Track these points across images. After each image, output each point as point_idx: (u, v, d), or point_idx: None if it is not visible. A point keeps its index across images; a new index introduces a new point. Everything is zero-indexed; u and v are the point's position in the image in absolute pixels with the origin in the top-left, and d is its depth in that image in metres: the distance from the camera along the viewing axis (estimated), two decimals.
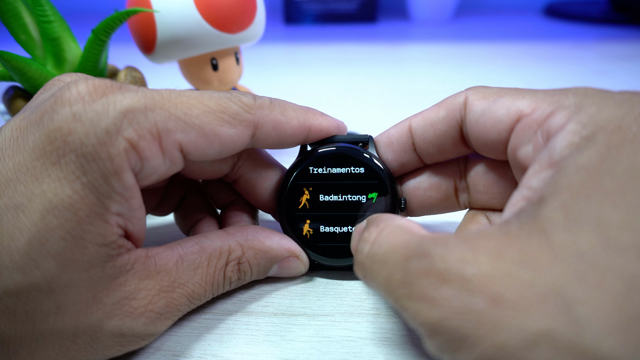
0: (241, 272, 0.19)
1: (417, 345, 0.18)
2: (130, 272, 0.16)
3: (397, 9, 0.99)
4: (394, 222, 0.15)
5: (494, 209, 0.20)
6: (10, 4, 0.23)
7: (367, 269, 0.15)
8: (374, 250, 0.14)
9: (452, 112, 0.19)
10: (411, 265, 0.13)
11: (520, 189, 0.15)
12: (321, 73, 0.57)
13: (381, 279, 0.14)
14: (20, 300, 0.14)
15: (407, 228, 0.14)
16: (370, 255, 0.15)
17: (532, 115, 0.15)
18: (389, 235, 0.14)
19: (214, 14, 0.26)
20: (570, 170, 0.13)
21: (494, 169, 0.20)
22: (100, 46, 0.24)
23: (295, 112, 0.19)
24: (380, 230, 0.15)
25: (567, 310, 0.10)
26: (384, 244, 0.14)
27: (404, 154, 0.20)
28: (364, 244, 0.15)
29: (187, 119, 0.15)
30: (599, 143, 0.13)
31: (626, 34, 0.72)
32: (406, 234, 0.14)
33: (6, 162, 0.14)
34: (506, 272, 0.11)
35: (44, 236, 0.14)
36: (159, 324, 0.16)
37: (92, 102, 0.14)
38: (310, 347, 0.18)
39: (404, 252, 0.13)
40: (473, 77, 0.53)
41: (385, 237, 0.14)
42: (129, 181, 0.15)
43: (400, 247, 0.13)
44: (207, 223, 0.22)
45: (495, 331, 0.10)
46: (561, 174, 0.13)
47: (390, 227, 0.15)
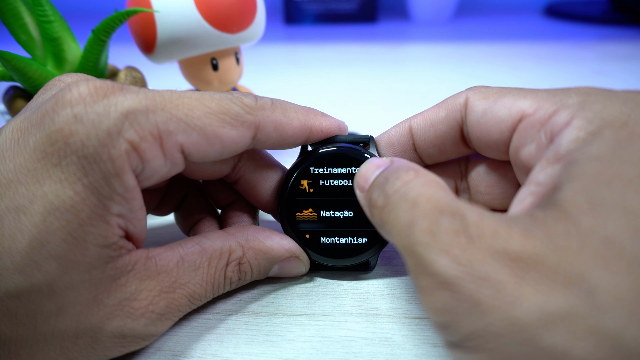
0: (242, 273, 0.19)
1: (418, 346, 0.18)
2: (131, 273, 0.16)
3: (397, 9, 0.99)
4: (432, 175, 0.15)
5: (494, 209, 0.20)
6: (10, 4, 0.23)
7: (391, 203, 0.14)
8: (406, 189, 0.14)
9: (452, 112, 0.19)
10: (443, 218, 0.12)
11: (528, 185, 0.15)
12: (321, 73, 0.57)
13: (404, 218, 0.13)
14: (22, 302, 0.14)
15: (443, 185, 0.14)
16: (401, 191, 0.14)
17: (535, 114, 0.15)
18: (426, 183, 0.14)
19: (214, 14, 0.26)
20: (583, 160, 0.13)
21: (495, 169, 0.20)
22: (100, 46, 0.24)
23: (297, 112, 0.19)
24: (418, 175, 0.14)
25: (591, 295, 0.10)
26: (418, 187, 0.14)
27: (404, 155, 0.20)
28: (397, 180, 0.15)
29: (188, 120, 0.15)
30: (607, 137, 0.13)
31: (626, 34, 0.72)
32: (443, 190, 0.14)
33: (7, 164, 0.14)
34: (534, 251, 0.11)
35: (45, 238, 0.14)
36: (159, 324, 0.16)
37: (94, 104, 0.14)
38: (310, 347, 0.18)
39: (437, 204, 0.13)
40: (473, 77, 0.53)
41: (422, 183, 0.14)
42: (130, 182, 0.15)
43: (434, 198, 0.13)
44: (208, 223, 0.22)
45: (513, 305, 0.10)
46: (573, 164, 0.13)
47: (428, 176, 0.14)
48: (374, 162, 0.17)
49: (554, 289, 0.10)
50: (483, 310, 0.11)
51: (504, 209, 0.20)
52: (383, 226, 0.15)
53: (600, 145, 0.13)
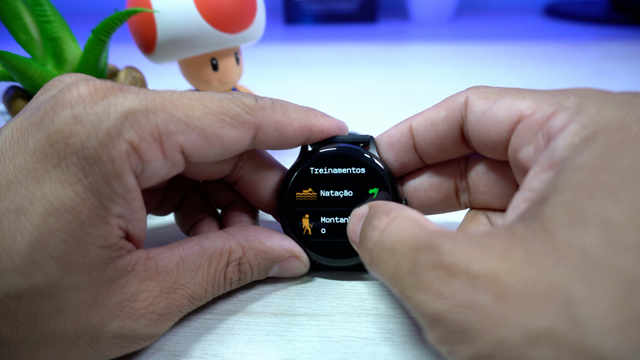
0: (242, 273, 0.19)
1: (418, 346, 0.18)
2: (131, 274, 0.16)
3: (397, 9, 0.99)
4: (405, 212, 0.15)
5: (494, 209, 0.20)
6: (10, 4, 0.23)
7: (375, 257, 0.15)
8: (383, 239, 0.14)
9: (452, 112, 0.19)
10: (419, 257, 0.13)
11: (522, 190, 0.15)
12: (321, 73, 0.57)
13: (388, 267, 0.14)
14: (22, 303, 0.14)
15: (417, 220, 0.14)
16: (379, 243, 0.15)
17: (533, 116, 0.15)
18: (399, 225, 0.14)
19: (214, 14, 0.26)
20: (571, 170, 0.13)
21: (494, 169, 0.20)
22: (100, 46, 0.24)
23: (297, 113, 0.19)
24: (391, 220, 0.15)
25: (569, 309, 0.10)
26: (393, 233, 0.14)
27: (404, 154, 0.20)
28: (373, 231, 0.15)
29: (188, 121, 0.15)
30: (599, 143, 0.13)
31: (626, 34, 0.72)
32: (416, 226, 0.14)
33: (7, 164, 0.14)
34: (512, 270, 0.11)
35: (45, 239, 0.14)
36: (160, 325, 0.16)
37: (93, 104, 0.14)
38: (310, 347, 0.18)
39: (413, 244, 0.13)
40: (473, 77, 0.53)
41: (395, 226, 0.14)
42: (130, 183, 0.15)
43: (410, 238, 0.14)
44: (208, 223, 0.22)
45: (498, 326, 0.11)
46: (561, 174, 0.13)
47: (400, 217, 0.15)
48: (356, 214, 0.18)
49: (533, 305, 0.10)
50: (473, 336, 0.11)
51: (503, 209, 0.20)
52: (379, 279, 0.15)
53: (590, 152, 0.13)
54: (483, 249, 0.12)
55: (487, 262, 0.12)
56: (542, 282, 0.11)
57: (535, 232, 0.12)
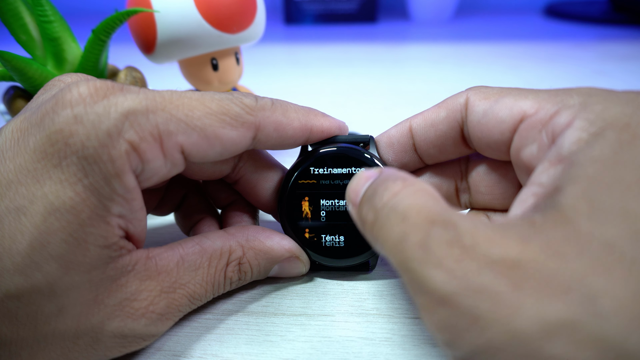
0: (242, 273, 0.19)
1: (418, 346, 0.18)
2: (131, 273, 0.16)
3: (397, 9, 0.99)
4: (422, 183, 0.14)
5: (495, 209, 0.20)
6: (10, 4, 0.23)
7: (381, 217, 0.13)
8: (395, 201, 0.13)
9: (453, 112, 0.18)
10: (434, 230, 0.12)
11: (529, 186, 0.14)
12: (321, 73, 0.57)
13: (395, 232, 0.13)
14: (22, 303, 0.14)
15: (434, 194, 0.13)
16: (390, 204, 0.13)
17: (536, 115, 0.15)
18: (415, 192, 0.13)
19: (214, 14, 0.26)
20: (584, 162, 0.12)
21: (495, 169, 0.20)
22: (100, 46, 0.24)
23: (297, 113, 0.19)
24: (407, 185, 0.14)
25: (592, 302, 0.10)
26: (407, 198, 0.13)
27: (404, 155, 0.20)
28: (385, 192, 0.14)
29: (188, 121, 0.15)
30: (609, 138, 0.13)
31: (626, 34, 0.72)
32: (432, 199, 0.13)
33: (7, 164, 0.14)
34: (532, 258, 0.11)
35: (46, 238, 0.14)
36: (160, 324, 0.16)
37: (94, 104, 0.14)
38: (310, 347, 0.18)
39: (428, 215, 0.12)
40: (473, 77, 0.53)
41: (411, 193, 0.13)
42: (130, 183, 0.15)
43: (425, 209, 0.13)
44: (208, 223, 0.22)
45: (512, 316, 0.10)
46: (575, 166, 0.12)
47: (417, 185, 0.14)
48: (363, 174, 0.16)
49: (553, 296, 0.10)
50: (483, 325, 0.10)
51: (504, 209, 0.20)
52: (375, 242, 0.14)
53: (603, 147, 0.12)
54: (504, 234, 0.11)
55: (508, 248, 0.11)
56: (564, 272, 0.10)
57: (555, 222, 0.11)
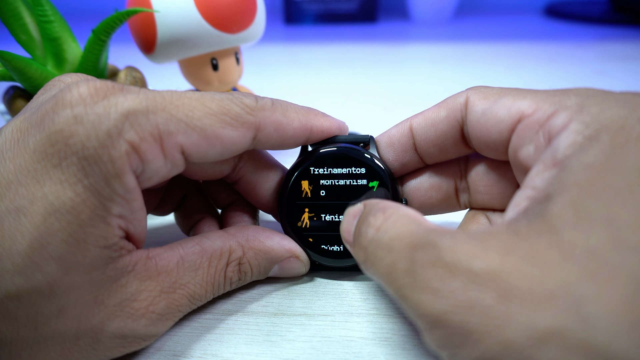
0: (242, 273, 0.19)
1: (418, 346, 0.18)
2: (131, 274, 0.16)
3: (397, 9, 0.99)
4: (401, 210, 0.15)
5: (494, 209, 0.20)
6: (10, 4, 0.23)
7: (370, 254, 0.14)
8: (378, 236, 0.14)
9: (453, 112, 0.19)
10: (417, 254, 0.12)
11: (524, 189, 0.15)
12: (321, 73, 0.57)
13: (384, 265, 0.13)
14: (22, 304, 0.14)
15: (414, 217, 0.14)
16: (375, 240, 0.14)
17: (534, 115, 0.15)
18: (395, 222, 0.14)
19: (214, 14, 0.26)
20: (576, 168, 0.12)
21: (494, 169, 0.20)
22: (100, 46, 0.24)
23: (297, 113, 0.19)
24: (387, 217, 0.14)
25: (577, 308, 0.10)
26: (389, 230, 0.14)
27: (405, 154, 0.20)
28: (368, 228, 0.15)
29: (188, 121, 0.15)
30: (603, 142, 0.13)
31: (626, 34, 0.72)
32: (413, 223, 0.14)
33: (7, 165, 0.14)
34: (516, 268, 0.11)
35: (46, 239, 0.14)
36: (160, 324, 0.16)
37: (94, 104, 0.14)
38: (310, 347, 0.18)
39: (410, 241, 0.13)
40: (473, 77, 0.53)
41: (392, 224, 0.14)
42: (131, 183, 0.15)
43: (407, 236, 0.13)
44: (208, 223, 0.22)
45: (502, 328, 0.10)
46: (567, 172, 0.13)
47: (397, 214, 0.14)
48: (350, 212, 0.17)
49: (539, 305, 0.10)
50: (476, 339, 0.11)
51: (503, 209, 0.20)
52: (373, 278, 0.15)
53: (595, 151, 0.12)
54: (485, 246, 0.12)
55: (490, 260, 0.11)
56: (548, 280, 0.10)
57: (539, 231, 0.12)
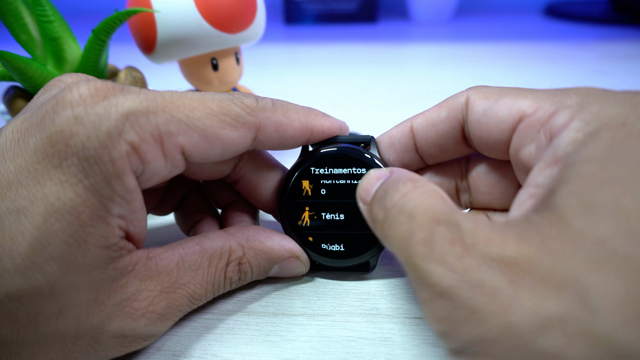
0: (242, 273, 0.19)
1: (418, 346, 0.18)
2: (131, 274, 0.16)
3: (397, 9, 0.99)
4: (431, 185, 0.15)
5: (494, 209, 0.20)
6: (10, 4, 0.23)
7: (390, 216, 0.14)
8: (403, 202, 0.14)
9: (453, 112, 0.19)
10: (438, 229, 0.13)
11: (527, 187, 0.15)
12: (321, 73, 0.57)
13: (402, 230, 0.14)
14: (22, 304, 0.14)
15: (441, 195, 0.14)
16: (399, 204, 0.14)
17: (535, 115, 0.15)
18: (423, 194, 0.14)
19: (214, 14, 0.26)
20: (578, 162, 0.13)
21: (495, 169, 0.20)
22: (100, 46, 0.24)
23: (298, 113, 0.19)
24: (416, 187, 0.15)
25: (584, 298, 0.10)
26: (415, 199, 0.14)
27: (405, 155, 0.20)
28: (395, 193, 0.15)
29: (189, 122, 0.15)
30: (604, 138, 0.13)
31: (626, 34, 0.72)
32: (440, 199, 0.14)
33: (7, 165, 0.14)
34: (528, 256, 0.11)
35: (46, 239, 0.14)
36: (160, 324, 0.17)
37: (94, 105, 0.14)
38: (310, 347, 0.18)
39: (433, 215, 0.13)
40: (473, 77, 0.53)
41: (420, 194, 0.14)
42: (131, 184, 0.15)
43: (431, 209, 0.13)
44: (208, 223, 0.22)
45: (508, 310, 0.11)
46: (569, 167, 0.13)
47: (426, 187, 0.15)
48: (374, 174, 0.17)
49: (547, 293, 0.10)
50: (480, 317, 0.11)
51: (504, 209, 0.20)
52: (384, 240, 0.15)
53: (597, 146, 0.13)
54: (502, 233, 0.12)
55: (506, 247, 0.11)
56: (558, 269, 0.11)
57: (550, 221, 0.12)
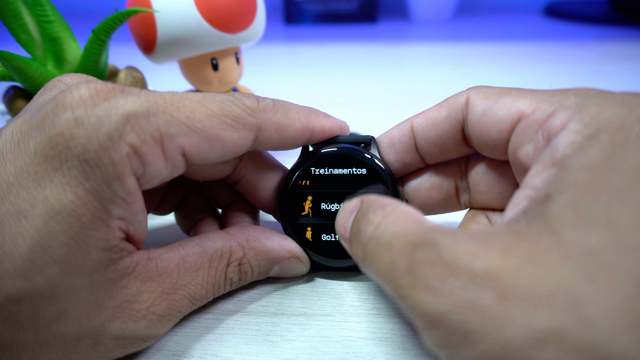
0: (242, 273, 0.19)
1: (418, 346, 0.18)
2: (132, 275, 0.16)
3: (397, 9, 0.99)
4: (400, 207, 0.14)
5: (494, 208, 0.20)
6: (10, 4, 0.23)
7: (369, 252, 0.14)
8: (378, 233, 0.14)
9: (453, 111, 0.19)
10: (417, 253, 0.12)
11: (523, 188, 0.15)
12: (321, 73, 0.57)
13: (383, 263, 0.13)
14: (23, 307, 0.14)
15: (414, 216, 0.14)
16: (374, 237, 0.14)
17: (533, 115, 0.15)
18: (395, 220, 0.14)
19: (214, 14, 0.26)
20: (576, 168, 0.12)
21: (494, 168, 0.20)
22: (100, 46, 0.24)
23: (298, 114, 0.19)
24: (387, 214, 0.14)
25: (577, 309, 0.10)
26: (389, 227, 0.14)
27: (406, 155, 0.20)
28: (368, 225, 0.14)
29: (189, 123, 0.15)
30: (602, 142, 0.13)
31: (626, 34, 0.72)
32: (413, 221, 0.14)
33: (7, 167, 0.14)
34: (516, 268, 0.11)
35: (47, 242, 0.13)
36: (160, 325, 0.17)
37: (94, 107, 0.14)
38: (310, 347, 0.18)
39: (410, 239, 0.13)
40: (473, 77, 0.53)
41: (392, 221, 0.14)
42: (131, 186, 0.15)
43: (407, 234, 0.13)
44: (208, 223, 0.22)
45: (502, 328, 0.10)
46: (566, 172, 0.13)
47: (396, 212, 0.14)
48: (346, 207, 0.17)
49: (539, 305, 0.10)
50: (475, 339, 0.11)
51: (503, 209, 0.20)
52: (371, 275, 0.15)
53: (595, 151, 0.13)
54: (485, 246, 0.12)
55: (490, 260, 0.11)
56: (548, 281, 0.10)
57: (540, 231, 0.12)
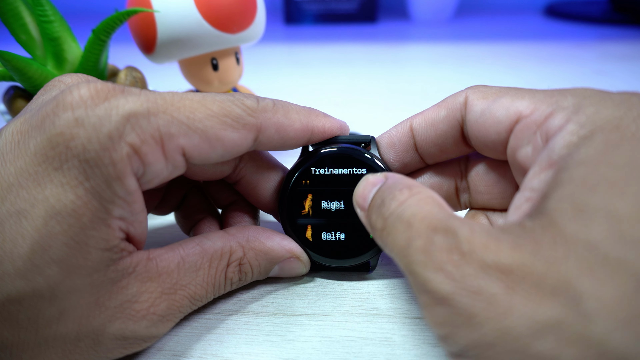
0: (242, 273, 0.19)
1: (418, 346, 0.18)
2: (132, 275, 0.16)
3: (397, 9, 0.99)
4: (427, 191, 0.15)
5: (494, 208, 0.20)
6: (10, 4, 0.23)
7: (388, 225, 0.15)
8: (401, 210, 0.14)
9: (452, 111, 0.19)
10: (436, 236, 0.13)
11: (523, 191, 0.15)
12: (321, 73, 0.57)
13: (400, 239, 0.14)
14: (23, 307, 0.14)
15: (438, 201, 0.15)
16: (397, 213, 0.15)
17: (531, 116, 0.15)
18: (419, 201, 0.14)
19: (214, 14, 0.26)
20: (570, 166, 0.13)
21: (494, 168, 0.20)
22: (100, 46, 0.24)
23: (298, 114, 0.19)
24: (413, 194, 0.15)
25: (577, 303, 0.10)
26: (413, 207, 0.14)
27: (405, 154, 0.20)
28: (392, 201, 0.15)
29: (190, 123, 0.15)
30: (597, 141, 0.13)
31: (626, 34, 0.72)
32: (436, 206, 0.14)
33: (7, 167, 0.14)
34: (523, 263, 0.11)
35: (47, 242, 0.13)
36: (161, 326, 0.17)
37: (95, 107, 0.14)
38: (310, 347, 0.18)
39: (430, 222, 0.13)
40: (473, 77, 0.53)
41: (416, 201, 0.14)
42: (132, 186, 0.15)
43: (429, 217, 0.14)
44: (208, 223, 0.22)
45: (505, 316, 0.11)
46: (562, 171, 0.13)
47: (423, 193, 0.15)
48: (369, 179, 0.17)
49: (542, 298, 0.11)
50: (477, 322, 0.11)
51: (503, 209, 0.20)
52: (384, 247, 0.15)
53: (590, 149, 0.13)
54: (497, 240, 0.12)
55: (501, 254, 0.12)
56: (552, 275, 0.11)
57: (543, 226, 0.12)
